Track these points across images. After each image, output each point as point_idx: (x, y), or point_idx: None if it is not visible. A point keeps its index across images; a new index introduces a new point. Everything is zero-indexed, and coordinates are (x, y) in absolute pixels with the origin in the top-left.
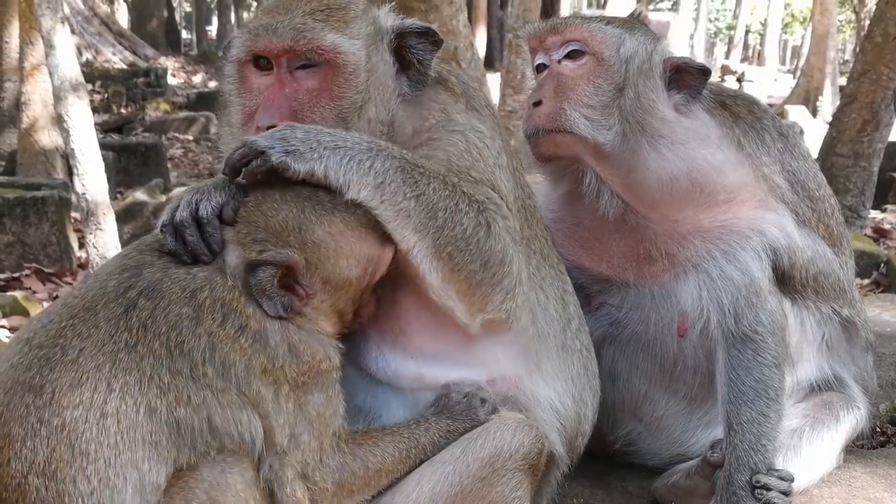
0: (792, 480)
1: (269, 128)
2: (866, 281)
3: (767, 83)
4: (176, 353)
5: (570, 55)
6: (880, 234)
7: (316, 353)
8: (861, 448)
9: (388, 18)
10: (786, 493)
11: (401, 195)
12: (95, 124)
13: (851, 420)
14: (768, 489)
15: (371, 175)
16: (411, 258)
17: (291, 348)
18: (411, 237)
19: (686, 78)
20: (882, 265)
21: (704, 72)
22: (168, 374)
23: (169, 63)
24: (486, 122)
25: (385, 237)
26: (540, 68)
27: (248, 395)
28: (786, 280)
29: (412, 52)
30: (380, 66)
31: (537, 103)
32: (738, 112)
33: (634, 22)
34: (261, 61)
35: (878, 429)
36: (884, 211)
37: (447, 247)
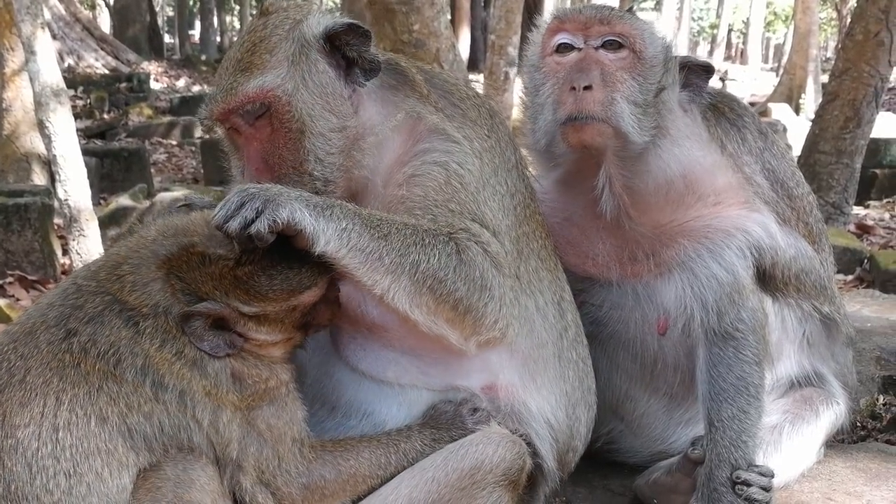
0: (772, 476)
1: None
2: (850, 277)
3: (750, 81)
4: (116, 371)
5: (608, 45)
6: (863, 230)
7: (262, 375)
8: (841, 443)
9: (314, 25)
10: (766, 489)
11: (367, 238)
12: (78, 130)
13: (831, 415)
14: (749, 485)
15: (333, 221)
16: (389, 301)
17: (235, 376)
18: (385, 280)
19: (690, 76)
20: (865, 261)
21: (708, 70)
22: (115, 384)
23: (152, 68)
24: (465, 118)
25: (314, 271)
26: (563, 48)
27: (188, 414)
28: (767, 278)
29: (350, 49)
30: (313, 79)
31: (588, 87)
32: (721, 110)
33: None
34: (229, 125)
35: (858, 423)
36: (866, 207)
37: (427, 280)
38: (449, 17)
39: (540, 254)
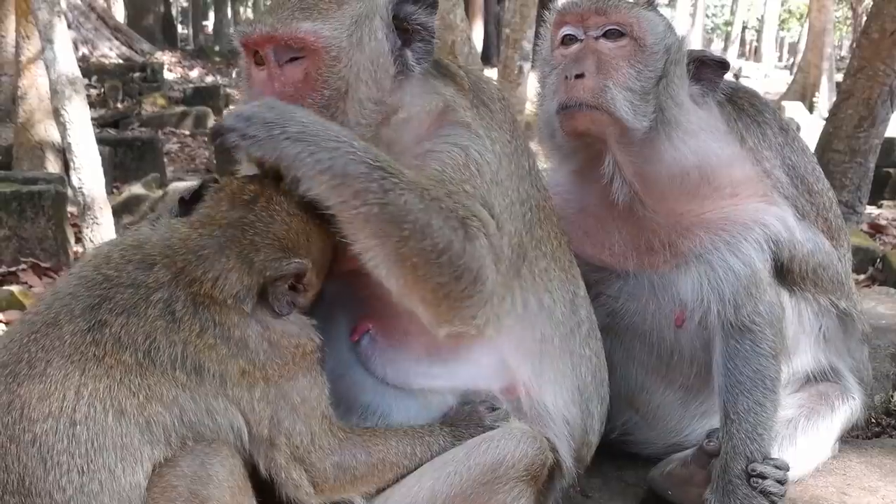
0: (787, 469)
1: None
2: (862, 276)
3: (763, 79)
4: (146, 361)
5: (609, 34)
6: (876, 229)
7: (297, 336)
8: (856, 438)
9: None
10: (781, 482)
11: (360, 200)
12: (91, 119)
13: (846, 410)
14: (764, 478)
15: (327, 175)
16: (364, 259)
17: (272, 343)
18: (367, 241)
19: (704, 70)
20: (878, 260)
21: (723, 65)
22: (138, 378)
23: (165, 58)
24: (493, 120)
25: None
26: (567, 40)
27: (225, 395)
28: (785, 272)
29: (412, 21)
30: (370, 45)
31: (580, 75)
32: (742, 106)
33: (657, 9)
34: (257, 56)
35: (872, 419)
36: (880, 207)
37: (412, 257)
38: (463, 9)
39: (555, 254)
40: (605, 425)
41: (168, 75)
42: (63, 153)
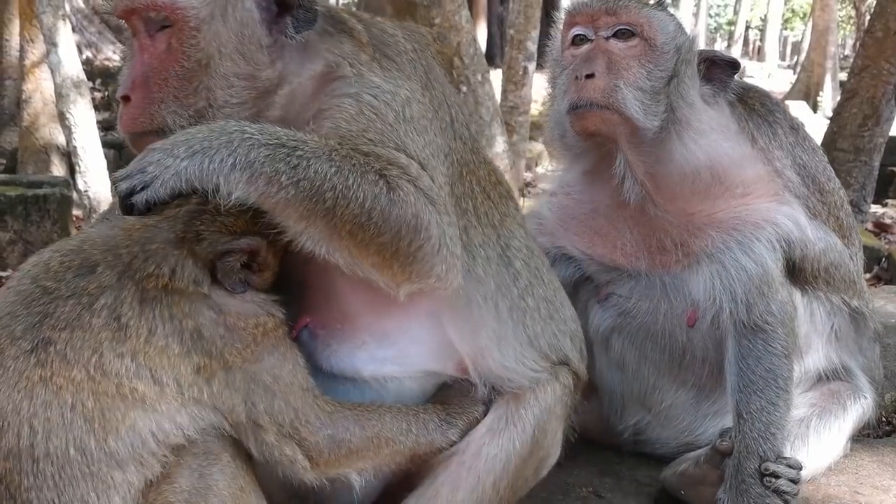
0: (801, 468)
1: (124, 98)
2: (867, 275)
3: (767, 79)
4: (97, 376)
5: (619, 34)
6: (881, 228)
7: (256, 316)
8: (867, 437)
9: None
10: (794, 481)
11: (275, 186)
12: (96, 122)
13: (858, 409)
14: (777, 477)
15: (237, 171)
16: (302, 244)
17: (228, 328)
18: (298, 225)
19: (715, 70)
20: (883, 259)
21: (734, 65)
22: (91, 398)
23: None
24: (399, 71)
25: None
26: (577, 40)
27: (186, 399)
28: (797, 271)
29: None
30: (234, 16)
31: (590, 75)
32: (752, 105)
33: (667, 9)
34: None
35: (884, 418)
36: (884, 206)
37: (345, 226)
38: (468, 10)
39: (477, 210)
40: (619, 423)
41: None
42: (68, 156)
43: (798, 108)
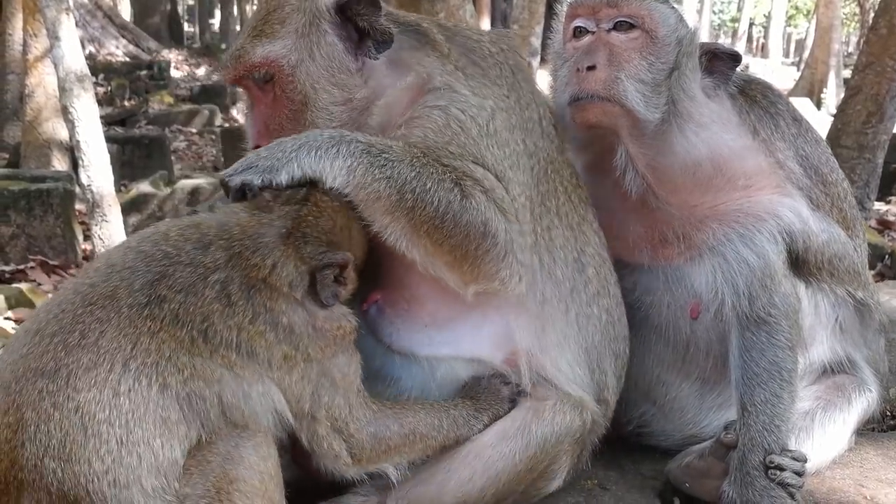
0: (805, 461)
1: (255, 148)
2: (871, 272)
3: (770, 76)
4: (199, 339)
5: (620, 26)
6: (885, 225)
7: (341, 322)
8: (872, 431)
9: None
10: (799, 474)
11: (370, 177)
12: (99, 117)
13: (863, 402)
14: (782, 469)
15: (339, 160)
16: (386, 238)
17: (316, 328)
18: (383, 219)
19: (716, 63)
20: (886, 256)
21: (735, 58)
22: (187, 355)
23: (172, 56)
24: (485, 77)
25: None
26: (578, 32)
27: (269, 376)
28: (801, 263)
29: (361, 19)
30: (321, 52)
31: (591, 67)
32: (754, 97)
33: (668, 1)
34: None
35: (888, 412)
36: (888, 202)
37: (422, 225)
38: (472, 6)
39: (560, 210)
40: (623, 416)
41: (175, 73)
42: (71, 151)
43: (802, 105)
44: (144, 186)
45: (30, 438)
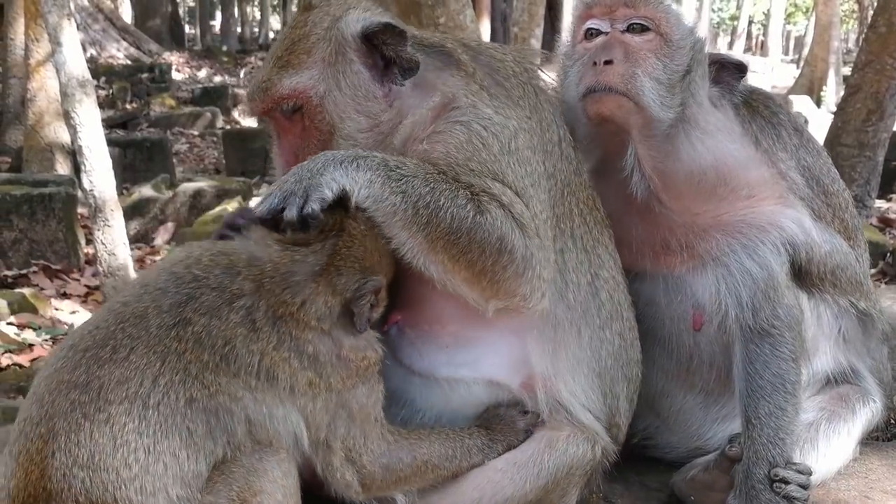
0: (810, 474)
1: None
2: (872, 270)
3: (770, 73)
4: (222, 364)
5: (633, 28)
6: (886, 223)
7: (363, 350)
8: (876, 440)
9: (352, 24)
10: (804, 487)
11: (387, 190)
12: (101, 120)
13: (867, 413)
14: (787, 482)
15: (361, 172)
16: (405, 254)
17: (340, 358)
18: (401, 235)
19: (723, 73)
20: (888, 255)
21: (741, 68)
22: (212, 375)
23: (173, 58)
24: (508, 98)
25: None
26: (590, 33)
27: (292, 403)
28: (803, 274)
29: (388, 48)
30: (347, 80)
31: (609, 62)
32: (756, 108)
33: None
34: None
35: (893, 421)
36: (889, 200)
37: (439, 241)
38: (472, 9)
39: (574, 233)
40: (628, 428)
41: (176, 76)
42: (73, 155)
43: (802, 103)
44: (146, 190)
45: (59, 448)
